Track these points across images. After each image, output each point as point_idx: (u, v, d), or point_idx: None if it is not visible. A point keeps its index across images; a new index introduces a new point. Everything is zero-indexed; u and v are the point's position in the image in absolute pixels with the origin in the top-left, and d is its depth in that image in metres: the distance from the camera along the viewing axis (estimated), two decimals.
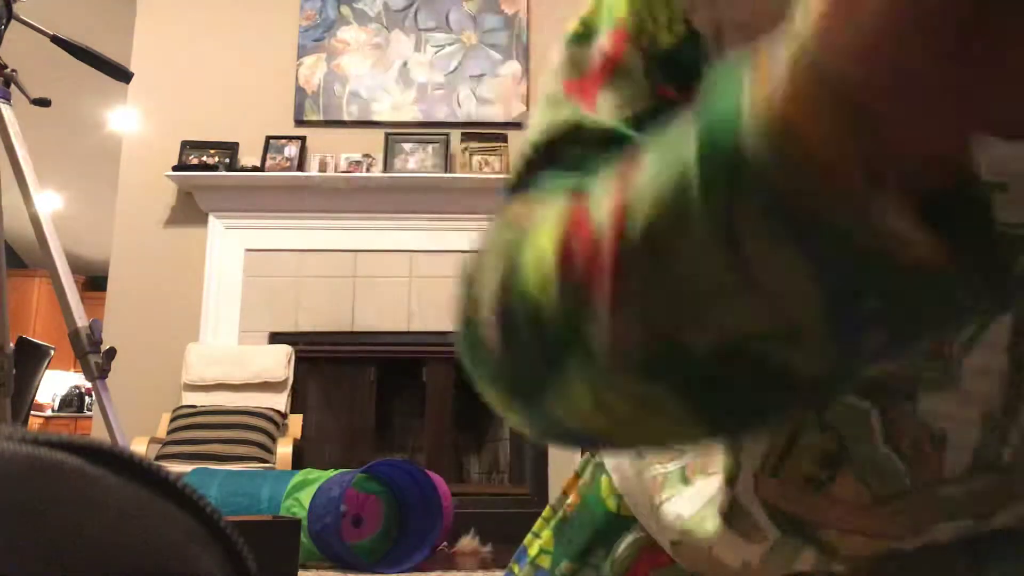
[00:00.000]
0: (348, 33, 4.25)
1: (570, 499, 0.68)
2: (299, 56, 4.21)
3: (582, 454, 0.64)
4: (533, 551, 0.68)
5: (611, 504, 0.64)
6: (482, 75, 4.23)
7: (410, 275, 4.02)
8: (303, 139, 4.11)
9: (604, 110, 0.40)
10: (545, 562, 0.67)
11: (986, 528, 0.40)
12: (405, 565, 2.64)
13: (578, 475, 0.69)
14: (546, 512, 0.69)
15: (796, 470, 0.40)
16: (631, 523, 0.61)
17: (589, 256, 0.29)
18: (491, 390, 0.39)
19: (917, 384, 0.37)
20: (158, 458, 3.33)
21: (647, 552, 0.59)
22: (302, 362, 3.90)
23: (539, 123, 0.43)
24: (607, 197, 0.29)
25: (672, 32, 0.40)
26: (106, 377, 1.67)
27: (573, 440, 0.38)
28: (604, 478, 0.64)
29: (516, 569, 0.70)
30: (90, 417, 6.57)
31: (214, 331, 3.91)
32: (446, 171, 4.08)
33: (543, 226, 0.32)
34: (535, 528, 0.70)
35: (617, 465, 0.62)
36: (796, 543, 0.43)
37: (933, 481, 0.39)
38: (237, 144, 4.11)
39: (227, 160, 4.05)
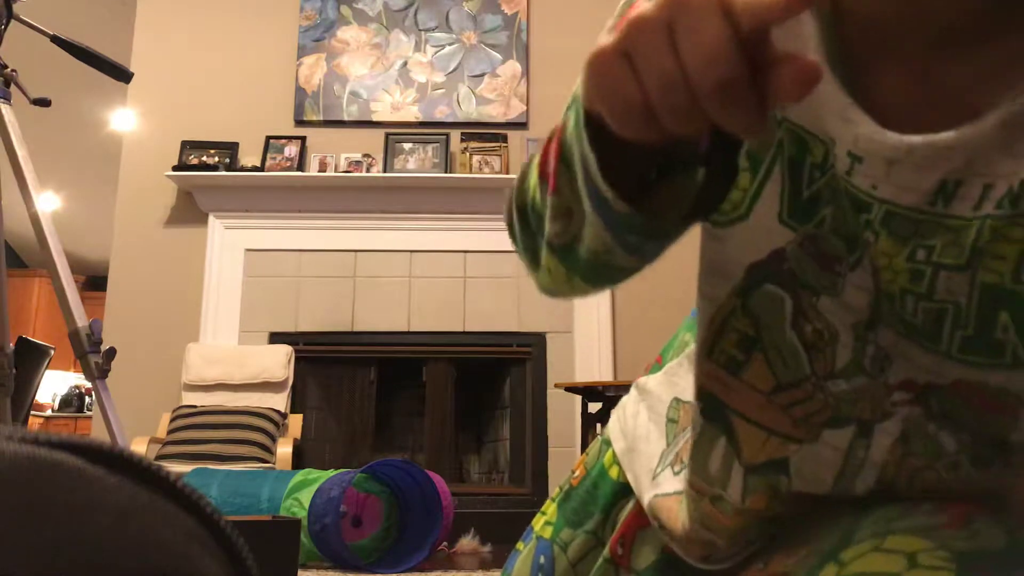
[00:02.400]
0: (348, 33, 4.25)
1: (576, 472, 0.73)
2: (299, 56, 4.21)
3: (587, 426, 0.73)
4: (538, 526, 0.72)
5: (614, 473, 0.69)
6: (482, 75, 4.23)
7: (410, 275, 4.02)
8: (303, 139, 4.11)
9: None
10: (547, 532, 0.70)
11: (861, 457, 0.46)
12: (405, 565, 2.64)
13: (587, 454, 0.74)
14: (555, 493, 0.74)
15: (723, 352, 0.48)
16: (630, 490, 0.66)
17: (548, 167, 0.49)
18: (523, 258, 0.58)
19: (817, 287, 0.45)
20: (158, 458, 3.33)
21: (635, 515, 0.65)
22: (302, 362, 3.90)
23: None
24: (560, 132, 0.49)
25: None
26: (106, 377, 1.67)
27: (551, 293, 0.56)
28: (609, 450, 0.70)
29: (521, 546, 0.73)
30: (90, 417, 6.57)
31: (214, 331, 3.90)
32: (446, 171, 4.08)
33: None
34: (543, 508, 0.73)
35: (618, 436, 0.69)
36: (714, 433, 0.51)
37: (825, 374, 0.46)
38: (237, 144, 4.11)
39: (227, 160, 4.05)
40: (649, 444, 0.65)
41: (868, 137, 0.41)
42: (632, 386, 0.72)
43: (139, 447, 3.39)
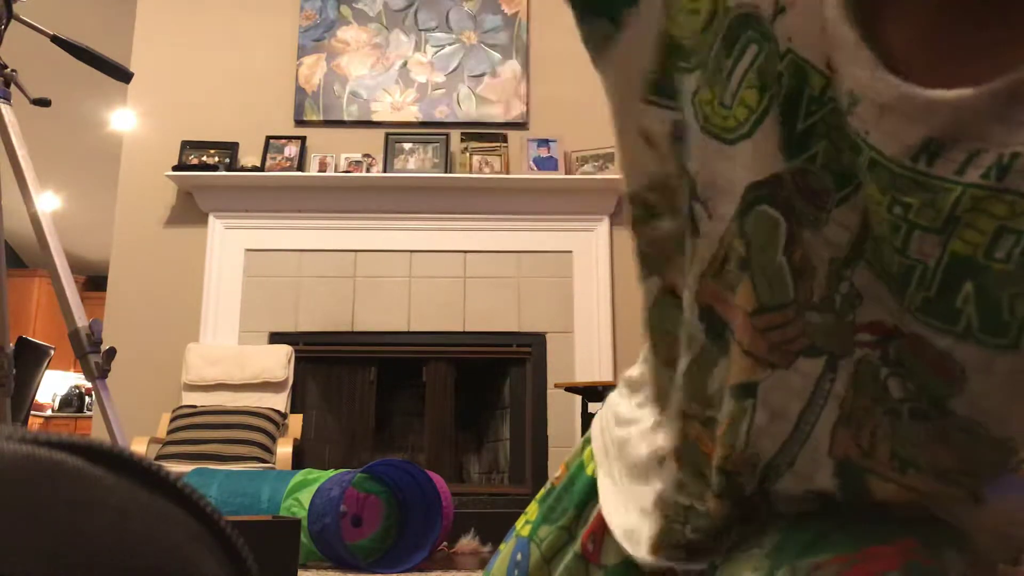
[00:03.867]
0: (348, 33, 4.25)
1: (558, 473, 0.74)
2: (299, 56, 4.21)
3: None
4: (519, 525, 0.72)
5: (590, 470, 0.70)
6: (482, 75, 4.23)
7: (410, 275, 4.02)
8: (303, 139, 4.11)
9: None
10: (526, 531, 0.71)
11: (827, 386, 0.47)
12: (405, 565, 2.64)
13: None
14: (539, 494, 0.74)
15: (728, 272, 0.48)
16: None
17: None
18: None
19: (802, 219, 0.45)
20: (158, 458, 3.33)
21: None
22: (302, 362, 3.90)
23: None
24: None
25: None
26: (106, 377, 1.67)
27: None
28: (588, 448, 0.71)
29: (503, 547, 0.73)
30: (90, 417, 6.57)
31: (214, 331, 3.91)
32: (446, 171, 4.08)
33: None
34: (527, 508, 0.74)
35: (597, 434, 0.70)
36: (716, 353, 0.50)
37: (806, 303, 0.46)
38: (237, 144, 4.11)
39: (227, 160, 4.05)
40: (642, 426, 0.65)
41: (868, 78, 0.41)
42: (620, 380, 0.72)
43: (139, 447, 3.39)
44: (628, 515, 0.62)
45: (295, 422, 3.75)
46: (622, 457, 0.64)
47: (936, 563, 0.45)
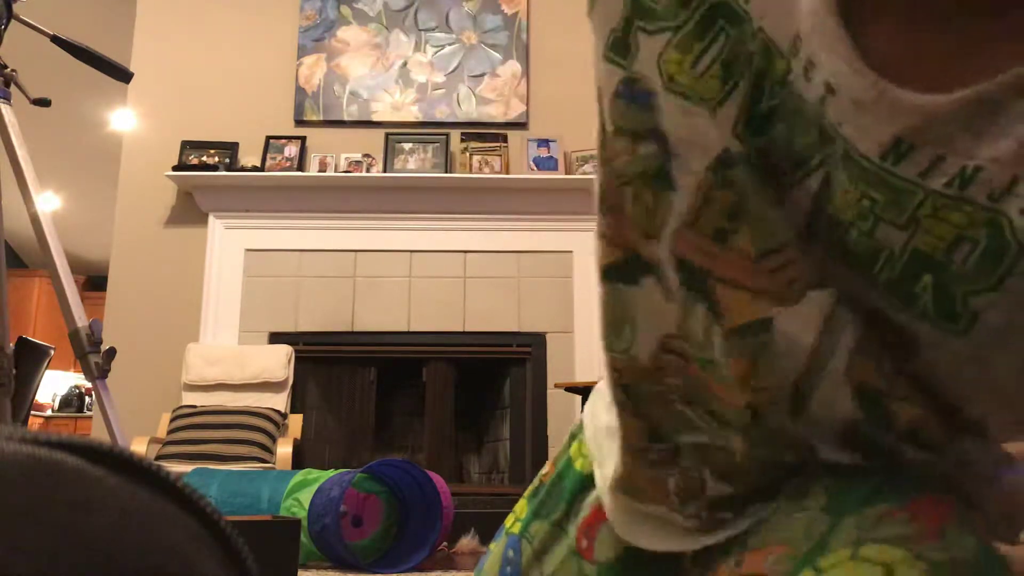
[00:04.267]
0: (348, 33, 4.25)
1: (546, 470, 0.74)
2: (299, 56, 4.21)
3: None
4: (508, 523, 0.72)
5: (579, 464, 0.69)
6: (482, 75, 4.23)
7: (410, 275, 4.02)
8: (303, 139, 4.12)
9: None
10: (516, 528, 0.71)
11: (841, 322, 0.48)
12: (405, 565, 2.64)
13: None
14: (527, 491, 0.74)
15: (709, 223, 0.49)
16: (594, 482, 0.67)
17: None
18: None
19: (763, 194, 0.46)
20: (158, 458, 3.33)
21: (599, 506, 0.65)
22: (302, 362, 3.90)
23: None
24: None
25: None
26: (106, 377, 1.67)
27: None
28: (575, 443, 0.71)
29: (492, 546, 0.73)
30: (90, 417, 6.57)
31: (214, 331, 3.91)
32: (446, 171, 4.08)
33: None
34: (515, 507, 0.74)
35: (588, 422, 0.70)
36: (693, 300, 0.51)
37: (803, 241, 0.47)
38: (237, 144, 4.11)
39: (227, 160, 4.05)
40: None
41: (846, 71, 0.42)
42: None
43: (139, 447, 3.39)
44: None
45: (295, 422, 3.75)
46: (612, 439, 0.64)
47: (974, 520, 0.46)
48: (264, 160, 4.05)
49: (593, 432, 0.68)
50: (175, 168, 3.97)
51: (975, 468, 0.50)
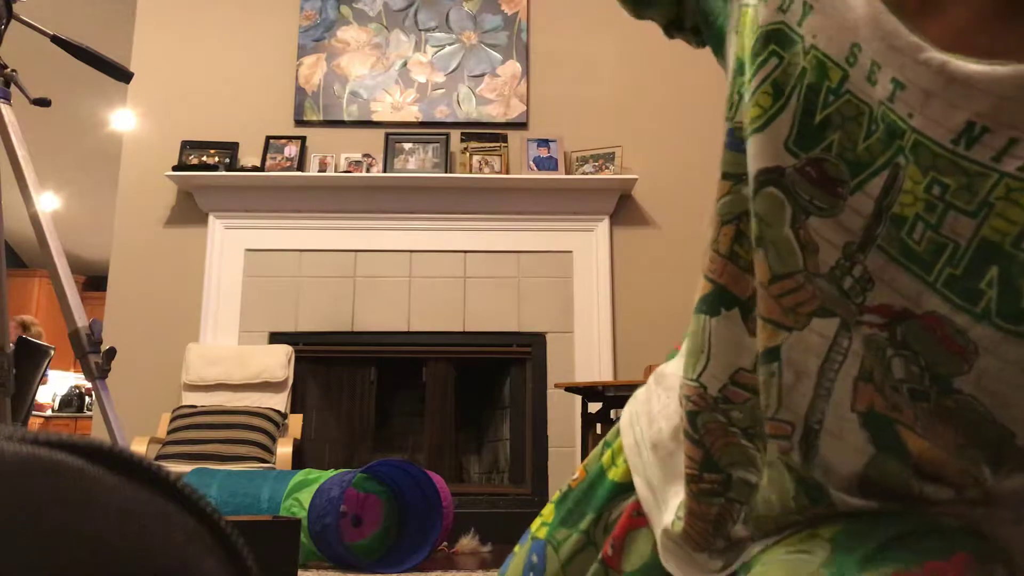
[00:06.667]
0: (348, 33, 4.25)
1: (576, 475, 0.74)
2: (299, 56, 4.21)
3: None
4: (534, 527, 0.72)
5: (612, 474, 0.70)
6: (482, 75, 4.23)
7: (410, 275, 4.02)
8: (303, 139, 4.11)
9: None
10: (542, 533, 0.71)
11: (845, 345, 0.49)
12: (405, 565, 2.64)
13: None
14: (555, 496, 0.75)
15: (742, 255, 0.52)
16: (627, 490, 0.67)
17: None
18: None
19: (810, 208, 0.47)
20: (158, 458, 3.33)
21: (628, 516, 0.66)
22: (302, 362, 3.90)
23: None
24: None
25: None
26: (106, 377, 1.67)
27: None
28: (609, 450, 0.72)
29: (518, 548, 0.73)
30: (90, 417, 6.57)
31: (214, 331, 3.90)
32: (446, 171, 4.08)
33: None
34: (542, 511, 0.74)
35: (627, 430, 0.71)
36: (735, 329, 0.54)
37: (813, 272, 0.48)
38: (237, 144, 4.11)
39: (227, 160, 4.05)
40: (667, 410, 0.66)
41: (912, 65, 0.42)
42: (650, 378, 0.72)
43: (139, 447, 3.39)
44: (665, 514, 0.63)
45: (295, 422, 3.75)
46: (658, 449, 0.65)
47: None
48: (264, 160, 4.05)
49: (634, 442, 0.68)
50: (175, 168, 3.97)
51: (1002, 508, 0.48)
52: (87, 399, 7.76)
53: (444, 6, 4.29)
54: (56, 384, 7.85)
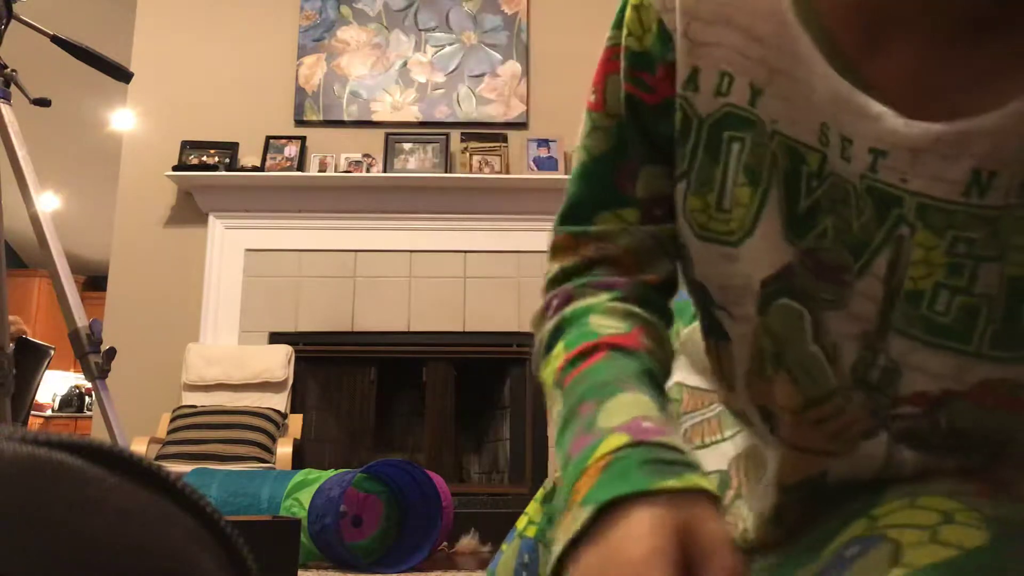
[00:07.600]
0: (348, 33, 4.25)
1: (559, 473, 0.72)
2: (299, 56, 4.21)
3: None
4: (521, 526, 0.72)
5: None
6: (482, 75, 4.23)
7: (410, 275, 4.02)
8: (303, 139, 4.11)
9: None
10: (531, 532, 0.70)
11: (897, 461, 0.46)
12: (405, 565, 2.64)
13: None
14: (538, 495, 0.73)
15: (770, 374, 0.48)
16: None
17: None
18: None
19: (821, 301, 0.45)
20: (158, 458, 3.33)
21: None
22: (302, 362, 3.90)
23: None
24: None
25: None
26: (106, 377, 1.67)
27: None
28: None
29: (504, 547, 0.73)
30: (90, 417, 6.57)
31: (214, 331, 3.90)
32: (446, 171, 4.07)
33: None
34: (527, 509, 0.73)
35: None
36: (768, 441, 0.51)
37: (846, 386, 0.45)
38: (237, 144, 4.11)
39: (227, 160, 4.05)
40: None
41: (891, 130, 0.40)
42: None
43: (139, 447, 3.39)
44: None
45: (295, 422, 3.75)
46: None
47: None
48: (264, 160, 4.05)
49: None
50: (175, 168, 3.97)
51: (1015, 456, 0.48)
52: (87, 399, 7.76)
53: (444, 6, 4.29)
54: (56, 384, 7.85)
